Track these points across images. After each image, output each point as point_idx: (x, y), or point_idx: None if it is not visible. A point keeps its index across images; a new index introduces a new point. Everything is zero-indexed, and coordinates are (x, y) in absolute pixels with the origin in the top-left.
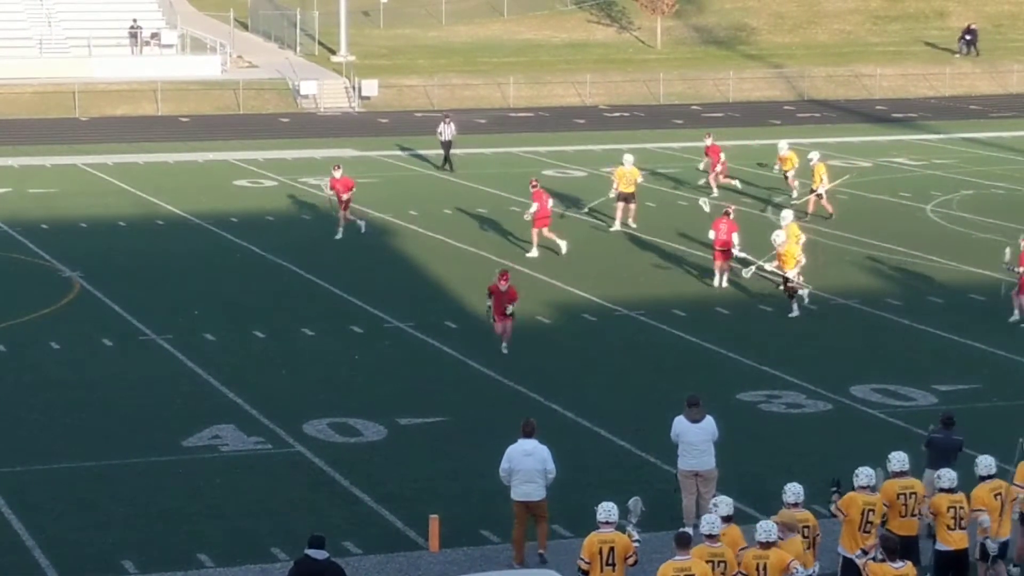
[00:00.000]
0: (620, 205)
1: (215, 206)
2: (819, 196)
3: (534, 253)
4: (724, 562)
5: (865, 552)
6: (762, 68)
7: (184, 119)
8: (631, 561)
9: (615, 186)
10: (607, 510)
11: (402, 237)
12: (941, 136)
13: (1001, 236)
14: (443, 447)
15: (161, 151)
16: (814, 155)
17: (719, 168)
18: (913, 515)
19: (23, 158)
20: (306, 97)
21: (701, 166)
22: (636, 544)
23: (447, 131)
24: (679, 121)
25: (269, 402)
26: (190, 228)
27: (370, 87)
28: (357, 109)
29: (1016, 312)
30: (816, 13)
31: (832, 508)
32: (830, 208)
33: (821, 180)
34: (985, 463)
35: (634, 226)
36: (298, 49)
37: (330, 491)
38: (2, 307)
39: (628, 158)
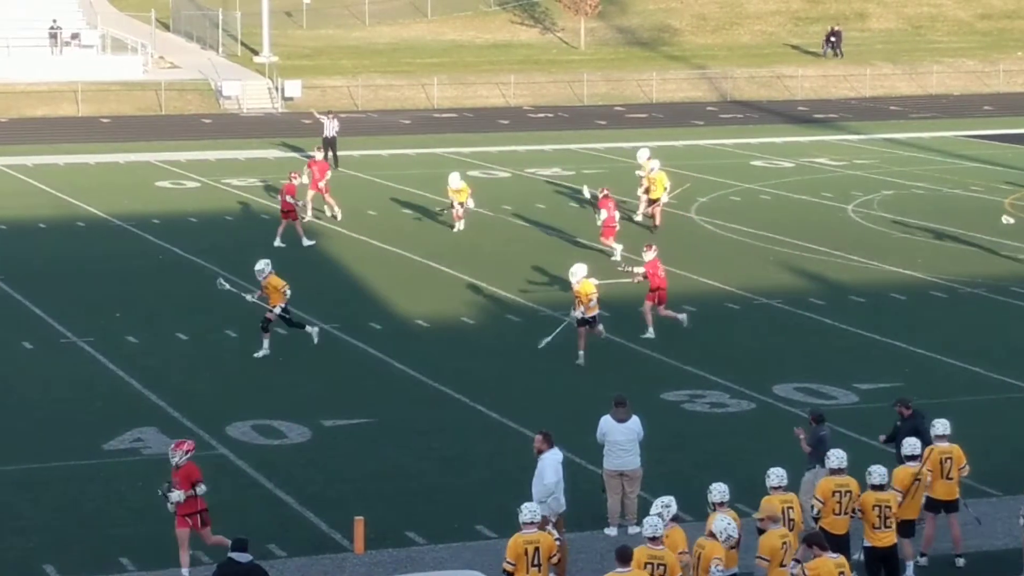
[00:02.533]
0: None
1: (136, 208)
2: (654, 204)
3: (617, 256)
4: (664, 565)
5: (798, 561)
6: (685, 69)
7: (105, 120)
8: (555, 560)
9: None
10: (531, 511)
11: (326, 238)
12: (862, 137)
13: (922, 236)
14: (368, 448)
15: (82, 152)
16: (655, 163)
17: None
18: (847, 513)
19: None
20: (229, 98)
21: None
22: (558, 543)
23: (330, 127)
24: (602, 122)
25: (192, 405)
26: (111, 230)
27: (293, 88)
28: (280, 110)
29: None
30: (738, 15)
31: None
32: (658, 220)
33: (664, 189)
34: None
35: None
36: (220, 50)
37: (255, 494)
38: None
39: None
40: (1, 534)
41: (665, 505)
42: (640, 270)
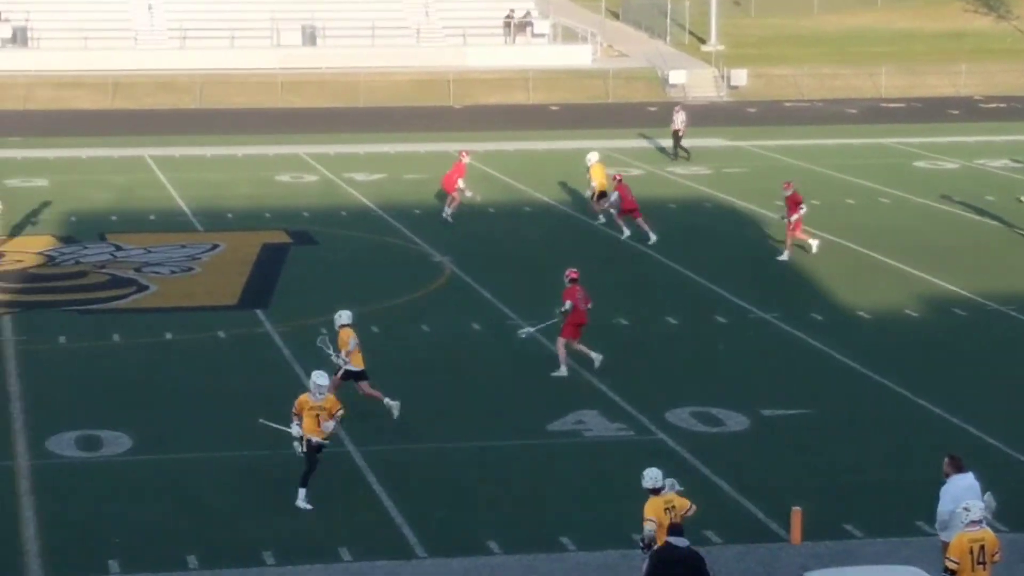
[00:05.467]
0: None
1: (576, 193)
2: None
3: None
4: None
5: None
6: None
7: (554, 107)
8: (996, 558)
9: None
10: (976, 507)
11: (763, 228)
12: None
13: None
14: (806, 439)
15: (530, 139)
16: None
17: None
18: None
19: (399, 144)
20: (674, 86)
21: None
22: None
23: (677, 120)
24: None
25: (632, 389)
26: (553, 215)
27: (739, 76)
28: (725, 98)
29: None
30: None
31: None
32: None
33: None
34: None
35: None
36: (668, 39)
37: (690, 479)
38: (377, 290)
39: None
40: (448, 508)
41: None
42: None
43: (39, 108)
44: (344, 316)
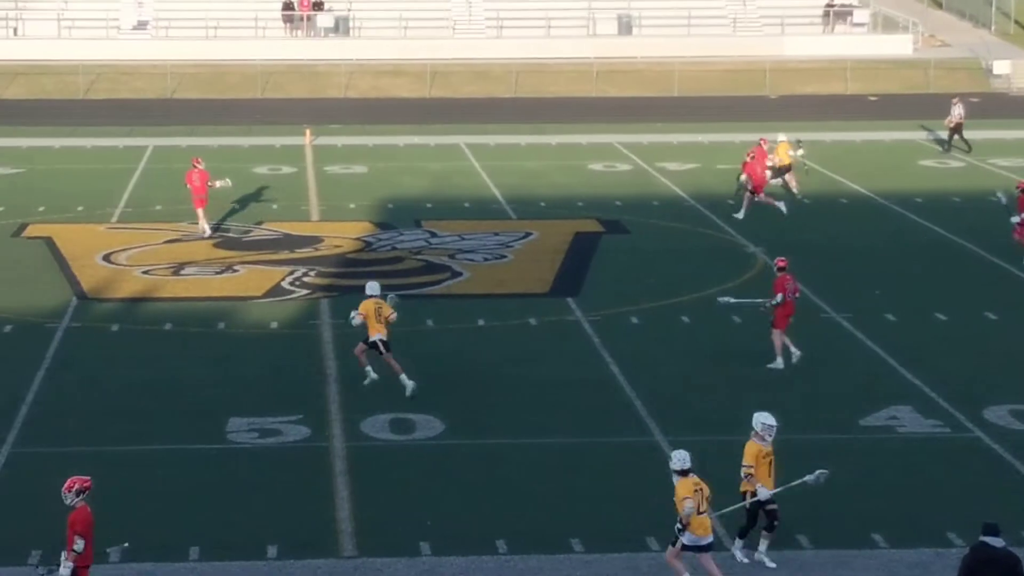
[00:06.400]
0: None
1: (898, 186)
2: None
3: None
4: None
5: None
6: None
7: (872, 97)
8: None
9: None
10: None
11: None
12: None
13: None
14: None
15: (847, 129)
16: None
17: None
18: None
19: (712, 134)
20: (999, 77)
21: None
22: None
23: (955, 112)
24: None
25: (948, 385)
26: (873, 208)
27: None
28: None
29: None
30: None
31: None
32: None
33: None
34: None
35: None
36: (992, 28)
37: (1008, 479)
38: (689, 280)
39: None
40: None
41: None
42: None
43: (359, 96)
44: (370, 287)
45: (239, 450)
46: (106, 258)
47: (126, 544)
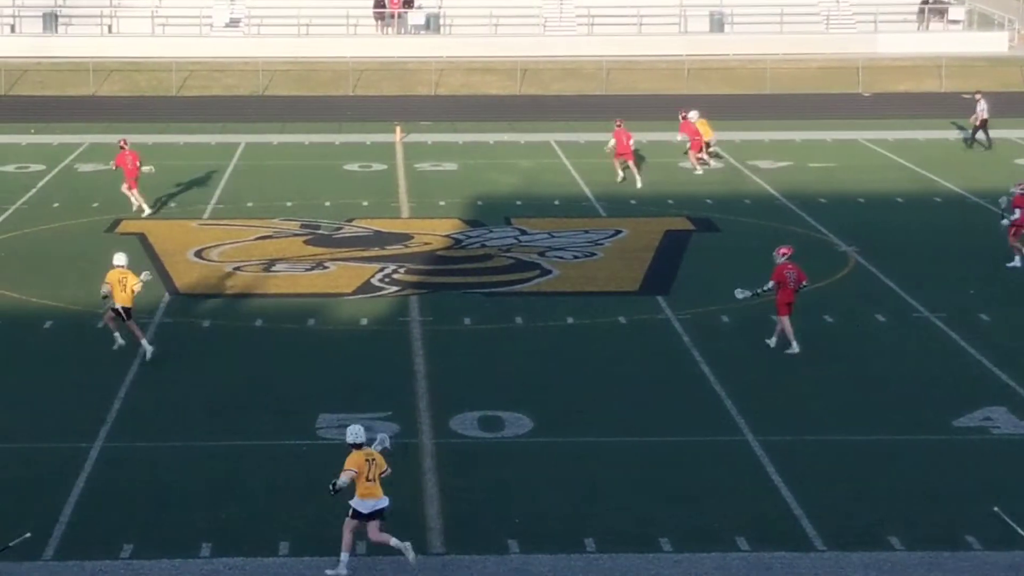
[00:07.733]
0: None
1: (993, 185)
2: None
3: None
4: None
5: None
6: None
7: (966, 95)
8: None
9: None
10: None
11: None
12: None
13: None
14: None
15: (941, 128)
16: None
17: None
18: None
19: (805, 132)
20: None
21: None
22: None
23: (979, 108)
24: None
25: None
26: (967, 206)
27: None
28: None
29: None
30: None
31: None
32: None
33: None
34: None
35: None
36: None
37: None
38: None
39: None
40: (848, 500)
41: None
42: None
43: (449, 93)
44: (117, 258)
45: (329, 446)
46: (198, 254)
47: (28, 534)
